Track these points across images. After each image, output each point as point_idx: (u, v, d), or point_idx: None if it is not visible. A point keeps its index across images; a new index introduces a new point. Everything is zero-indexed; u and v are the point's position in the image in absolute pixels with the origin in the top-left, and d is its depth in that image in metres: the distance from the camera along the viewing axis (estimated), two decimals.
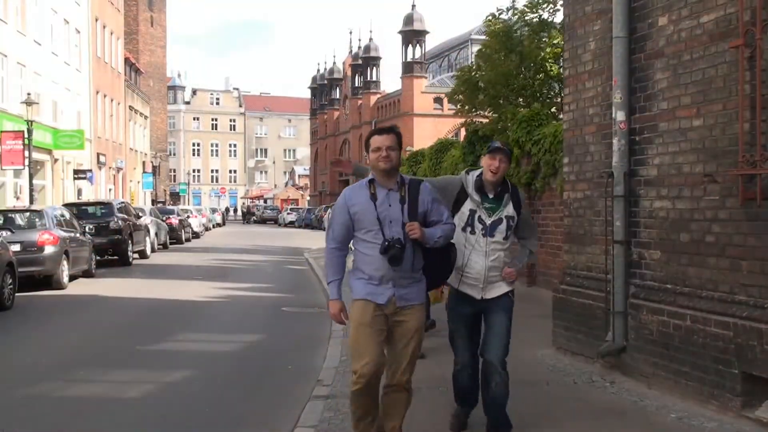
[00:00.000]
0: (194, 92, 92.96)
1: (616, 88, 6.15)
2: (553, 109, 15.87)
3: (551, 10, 16.63)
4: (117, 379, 6.90)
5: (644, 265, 6.04)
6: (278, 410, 5.80)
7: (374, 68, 57.85)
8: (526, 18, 16.78)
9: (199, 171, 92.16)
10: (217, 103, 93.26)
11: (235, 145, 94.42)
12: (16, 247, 12.99)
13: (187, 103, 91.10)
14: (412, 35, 49.99)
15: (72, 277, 14.93)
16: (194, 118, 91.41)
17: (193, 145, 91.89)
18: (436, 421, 5.05)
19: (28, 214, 14.98)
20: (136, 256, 20.58)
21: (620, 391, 5.79)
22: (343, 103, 64.48)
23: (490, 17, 17.63)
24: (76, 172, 31.52)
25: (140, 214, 23.17)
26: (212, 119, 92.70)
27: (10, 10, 25.43)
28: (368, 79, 57.61)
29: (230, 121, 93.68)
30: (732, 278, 5.10)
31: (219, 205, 77.17)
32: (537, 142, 12.23)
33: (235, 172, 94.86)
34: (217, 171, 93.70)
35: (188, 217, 34.65)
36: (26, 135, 21.58)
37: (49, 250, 13.71)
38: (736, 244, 5.06)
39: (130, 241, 19.65)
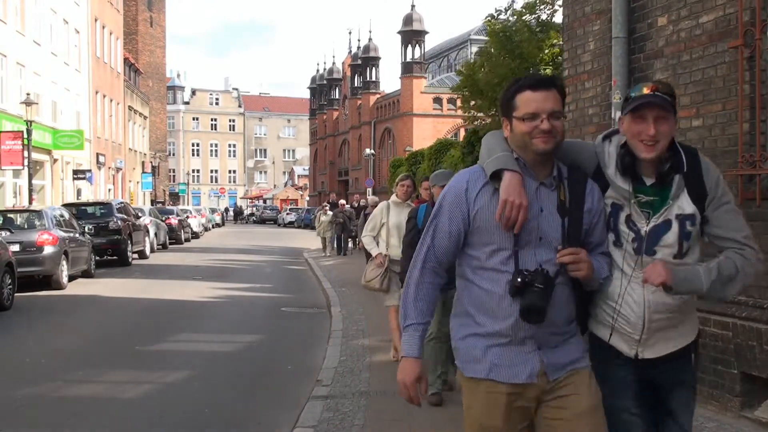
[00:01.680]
0: (193, 92, 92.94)
1: (616, 88, 6.15)
2: None
3: (549, 12, 16.67)
4: (116, 379, 6.90)
5: None
6: (277, 410, 5.80)
7: (373, 68, 57.84)
8: (524, 18, 16.82)
9: (198, 171, 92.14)
10: (217, 104, 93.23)
11: (234, 146, 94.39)
12: (16, 248, 12.98)
13: (187, 103, 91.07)
14: (411, 35, 49.99)
15: (71, 278, 14.92)
16: (193, 119, 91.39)
17: (193, 145, 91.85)
18: None
19: (27, 214, 14.99)
20: (135, 256, 20.57)
21: None
22: (342, 104, 64.47)
23: (490, 18, 17.67)
24: (75, 172, 31.52)
25: (139, 214, 23.18)
26: (211, 119, 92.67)
27: (10, 10, 25.42)
28: (367, 79, 57.60)
29: (229, 121, 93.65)
30: None
31: (218, 205, 77.19)
32: None
33: (234, 172, 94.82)
34: (216, 171, 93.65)
35: (187, 217, 34.64)
36: (25, 135, 21.57)
37: (48, 250, 13.70)
38: None
39: (129, 242, 19.66)
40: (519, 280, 2.37)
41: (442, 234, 2.50)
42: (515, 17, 17.05)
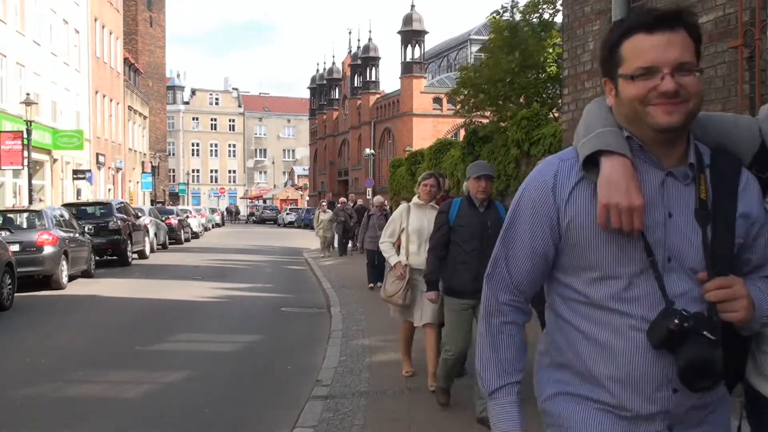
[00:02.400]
0: (193, 92, 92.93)
1: None
2: (554, 110, 15.90)
3: (552, 11, 16.70)
4: (116, 379, 6.90)
5: None
6: (277, 410, 5.80)
7: (373, 68, 57.84)
8: (528, 17, 16.87)
9: (198, 171, 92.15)
10: (217, 104, 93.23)
11: (234, 146, 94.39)
12: (16, 248, 12.98)
13: (186, 103, 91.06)
14: (411, 35, 50.00)
15: (71, 277, 14.92)
16: (193, 119, 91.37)
17: (192, 145, 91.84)
18: None
19: (27, 214, 14.99)
20: (135, 256, 20.57)
21: None
22: (342, 104, 64.48)
23: (495, 14, 17.71)
24: (75, 172, 31.53)
25: (139, 214, 23.17)
26: (211, 119, 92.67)
27: (9, 10, 25.42)
28: (367, 79, 57.60)
29: (229, 121, 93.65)
30: None
31: (218, 205, 77.22)
32: (536, 142, 12.25)
33: (234, 172, 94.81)
34: (216, 171, 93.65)
35: (187, 217, 34.64)
36: (25, 135, 21.56)
37: (48, 250, 13.70)
38: None
39: (129, 242, 19.64)
40: (677, 321, 1.52)
41: (522, 252, 1.71)
42: (520, 15, 17.07)
